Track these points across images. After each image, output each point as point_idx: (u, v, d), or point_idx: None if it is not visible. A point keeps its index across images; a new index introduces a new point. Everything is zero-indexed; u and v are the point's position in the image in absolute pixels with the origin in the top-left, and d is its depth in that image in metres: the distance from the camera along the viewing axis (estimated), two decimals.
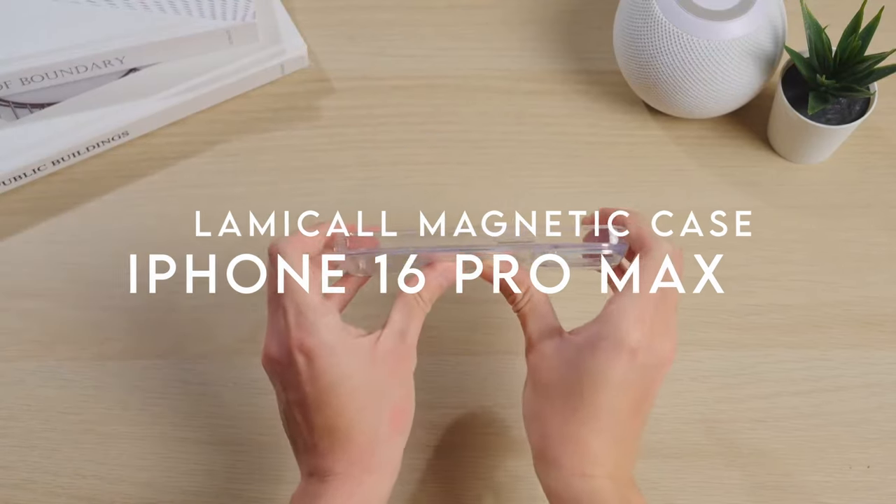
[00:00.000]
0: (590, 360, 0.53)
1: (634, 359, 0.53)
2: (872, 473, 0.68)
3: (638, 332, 0.53)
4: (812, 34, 0.71)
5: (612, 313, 0.54)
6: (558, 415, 0.55)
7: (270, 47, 0.80)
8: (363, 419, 0.54)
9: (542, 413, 0.55)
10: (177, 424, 0.70)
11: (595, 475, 0.54)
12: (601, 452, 0.54)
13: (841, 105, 0.74)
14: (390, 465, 0.56)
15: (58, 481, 0.68)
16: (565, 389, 0.54)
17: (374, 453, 0.55)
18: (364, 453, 0.54)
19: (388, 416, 0.55)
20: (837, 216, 0.76)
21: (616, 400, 0.54)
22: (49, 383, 0.71)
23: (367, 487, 0.54)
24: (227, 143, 0.79)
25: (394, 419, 0.55)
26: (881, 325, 0.72)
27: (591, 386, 0.53)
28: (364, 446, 0.54)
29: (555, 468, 0.55)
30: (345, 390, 0.54)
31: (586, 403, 0.54)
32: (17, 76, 0.75)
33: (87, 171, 0.78)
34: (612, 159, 0.79)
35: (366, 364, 0.54)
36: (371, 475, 0.55)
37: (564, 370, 0.55)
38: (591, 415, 0.54)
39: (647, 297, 0.54)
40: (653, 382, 0.55)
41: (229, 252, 0.75)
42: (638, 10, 0.73)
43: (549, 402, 0.55)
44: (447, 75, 0.82)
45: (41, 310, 0.73)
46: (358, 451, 0.54)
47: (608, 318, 0.54)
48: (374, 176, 0.78)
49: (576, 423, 0.54)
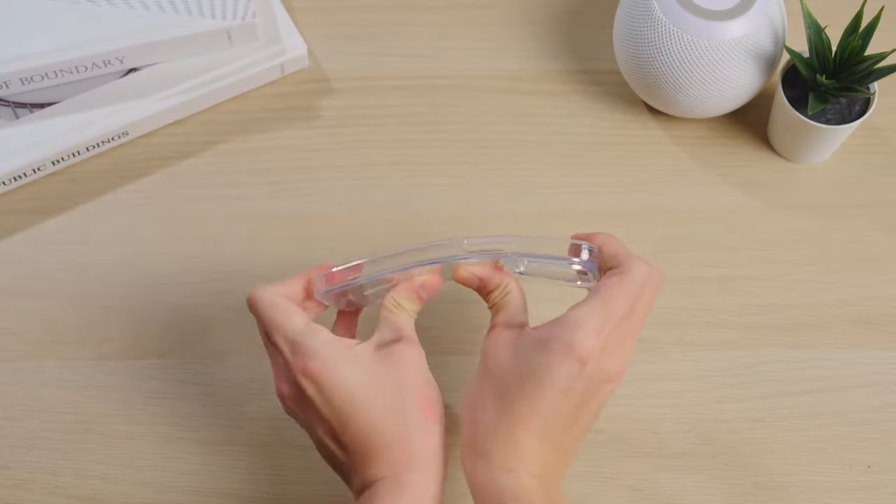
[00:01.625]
0: (538, 357, 0.53)
1: (582, 367, 0.52)
2: (872, 473, 0.68)
3: (591, 342, 0.52)
4: (812, 34, 0.71)
5: (571, 318, 0.53)
6: (496, 405, 0.54)
7: (270, 47, 0.80)
8: (389, 419, 0.54)
9: (480, 401, 0.55)
10: (177, 424, 0.70)
11: (521, 472, 0.53)
12: (530, 451, 0.53)
13: (841, 105, 0.74)
14: (433, 459, 0.54)
15: (58, 481, 0.68)
16: (508, 381, 0.54)
17: (413, 450, 0.53)
18: (402, 451, 0.53)
19: (414, 408, 0.54)
20: (837, 216, 0.76)
21: (555, 403, 0.53)
22: (49, 383, 0.71)
23: (414, 487, 0.53)
24: (227, 143, 0.79)
25: (422, 409, 0.54)
26: (881, 325, 0.72)
27: (533, 383, 0.53)
28: (400, 445, 0.53)
29: (482, 460, 0.54)
30: (361, 398, 0.53)
31: (526, 399, 0.53)
32: (17, 76, 0.75)
33: (87, 171, 0.78)
34: (612, 159, 0.79)
35: (372, 366, 0.54)
36: (415, 472, 0.53)
37: (513, 361, 0.54)
38: (528, 412, 0.53)
39: (611, 311, 0.53)
40: (595, 395, 0.54)
41: (229, 252, 0.75)
42: (638, 10, 0.73)
43: (491, 391, 0.54)
44: (447, 75, 0.82)
45: (41, 310, 0.73)
46: (395, 451, 0.53)
47: (567, 321, 0.53)
48: (374, 176, 0.78)
49: (511, 418, 0.53)
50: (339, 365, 0.53)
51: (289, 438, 0.69)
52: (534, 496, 0.52)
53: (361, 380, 0.54)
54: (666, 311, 0.73)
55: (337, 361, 0.53)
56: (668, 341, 0.72)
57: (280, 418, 0.68)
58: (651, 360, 0.71)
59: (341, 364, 0.54)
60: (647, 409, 0.70)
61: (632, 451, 0.69)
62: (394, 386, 0.54)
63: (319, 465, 0.69)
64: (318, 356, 0.53)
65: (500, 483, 0.53)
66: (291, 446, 0.69)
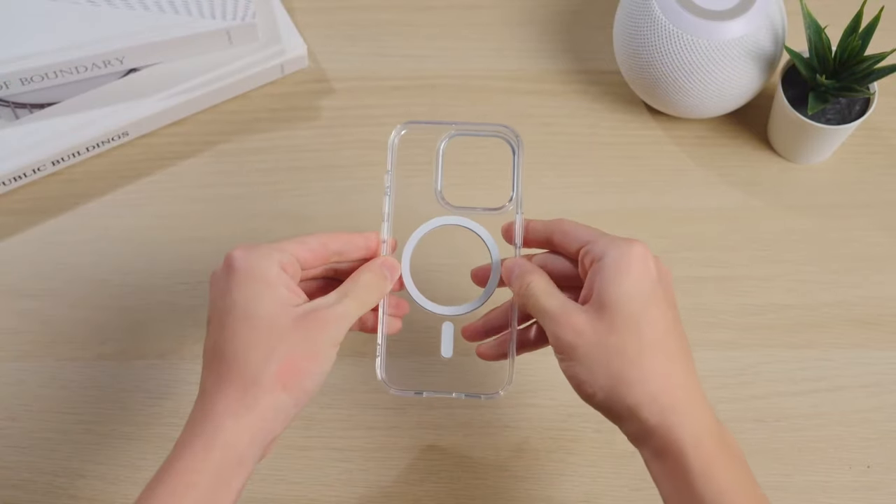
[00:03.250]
0: (614, 290, 0.52)
1: (645, 255, 0.53)
2: (872, 473, 0.68)
3: (638, 244, 0.53)
4: (812, 34, 0.71)
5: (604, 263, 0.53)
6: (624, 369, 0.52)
7: (270, 47, 0.80)
8: (249, 356, 0.51)
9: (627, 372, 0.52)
10: (177, 424, 0.69)
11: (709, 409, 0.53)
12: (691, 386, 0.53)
13: (841, 105, 0.74)
14: (268, 417, 0.51)
15: (58, 481, 0.68)
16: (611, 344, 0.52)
17: (253, 397, 0.51)
18: (242, 393, 0.51)
19: (276, 366, 0.51)
20: (837, 216, 0.76)
21: (662, 314, 0.53)
22: (49, 383, 0.71)
23: (234, 430, 0.51)
24: (227, 143, 0.79)
25: (280, 371, 0.51)
26: (881, 325, 0.72)
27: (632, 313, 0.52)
28: (244, 385, 0.51)
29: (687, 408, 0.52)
30: (243, 316, 0.52)
31: (645, 332, 0.52)
32: (17, 76, 0.75)
33: (87, 171, 0.78)
34: (612, 159, 0.79)
35: (277, 308, 0.52)
36: (240, 419, 0.51)
37: (597, 322, 0.52)
38: (660, 339, 0.52)
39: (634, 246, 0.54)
40: (670, 287, 0.55)
41: None
42: (638, 10, 0.73)
43: (626, 359, 0.52)
44: (447, 75, 0.82)
45: (41, 310, 0.73)
46: (237, 388, 0.51)
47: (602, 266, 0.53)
48: (374, 176, 0.77)
49: (652, 365, 0.52)
50: (258, 280, 0.52)
51: (289, 438, 0.69)
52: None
53: (259, 308, 0.52)
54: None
55: (260, 278, 0.52)
56: None
57: None
58: None
59: (260, 282, 0.52)
60: None
61: (632, 451, 0.69)
62: (274, 336, 0.51)
63: (319, 465, 0.69)
64: (253, 261, 0.52)
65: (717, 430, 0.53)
66: (291, 446, 0.69)
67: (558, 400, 0.70)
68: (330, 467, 0.68)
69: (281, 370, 0.51)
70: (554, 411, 0.70)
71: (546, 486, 0.68)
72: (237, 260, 0.53)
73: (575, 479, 0.68)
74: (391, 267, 0.57)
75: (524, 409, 0.70)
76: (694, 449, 0.51)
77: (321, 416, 0.70)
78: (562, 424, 0.69)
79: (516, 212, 0.59)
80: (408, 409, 0.69)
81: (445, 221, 0.60)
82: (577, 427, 0.69)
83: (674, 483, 0.52)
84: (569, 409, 0.70)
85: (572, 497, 0.68)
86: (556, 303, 0.54)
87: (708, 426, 0.52)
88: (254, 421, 0.51)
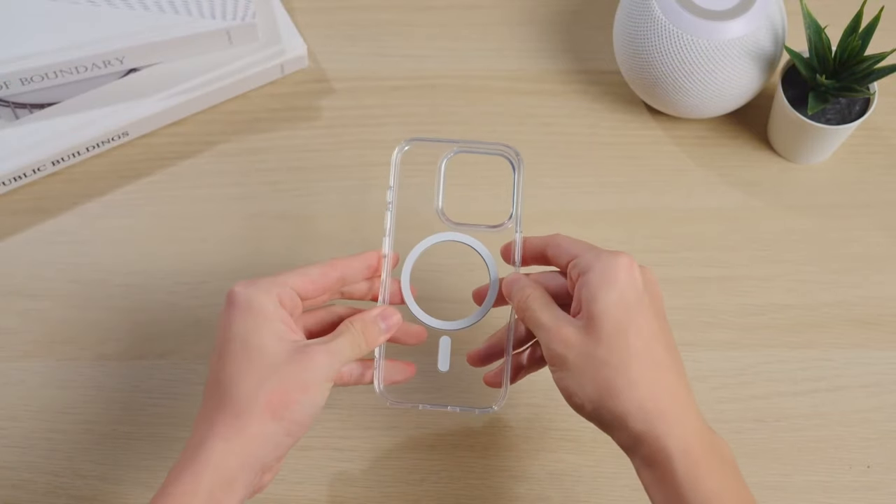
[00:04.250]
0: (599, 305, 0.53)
1: (630, 266, 0.54)
2: (872, 473, 0.68)
3: (622, 255, 0.54)
4: (812, 34, 0.71)
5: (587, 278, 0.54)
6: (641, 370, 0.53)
7: (270, 47, 0.80)
8: (241, 384, 0.52)
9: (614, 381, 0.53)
10: (177, 424, 0.70)
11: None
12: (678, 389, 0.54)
13: (841, 105, 0.74)
14: (257, 443, 0.52)
15: (58, 481, 0.68)
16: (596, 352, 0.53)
17: (243, 423, 0.52)
18: (233, 419, 0.52)
19: (266, 395, 0.52)
20: (837, 216, 0.76)
21: (648, 322, 0.54)
22: (49, 383, 0.71)
23: (223, 453, 0.51)
24: (227, 143, 0.79)
25: (270, 400, 0.52)
26: (881, 325, 0.72)
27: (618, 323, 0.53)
28: (235, 412, 0.52)
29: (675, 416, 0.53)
30: (240, 347, 0.53)
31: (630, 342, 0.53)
32: (17, 76, 0.75)
33: (87, 171, 0.78)
34: (612, 159, 0.79)
35: (272, 340, 0.53)
36: (229, 442, 0.51)
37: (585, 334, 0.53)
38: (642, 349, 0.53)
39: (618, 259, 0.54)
40: (658, 297, 0.56)
41: (229, 252, 0.75)
42: (638, 10, 0.73)
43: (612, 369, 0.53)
44: (447, 75, 0.82)
45: (41, 310, 0.73)
46: (229, 414, 0.52)
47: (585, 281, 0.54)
48: (374, 176, 0.78)
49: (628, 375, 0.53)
50: (256, 314, 0.53)
51: None
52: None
53: (258, 340, 0.53)
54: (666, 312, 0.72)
55: (259, 312, 0.53)
56: None
57: None
58: None
59: (259, 316, 0.53)
60: None
61: None
62: (267, 368, 0.52)
63: (320, 465, 0.69)
64: (253, 297, 0.53)
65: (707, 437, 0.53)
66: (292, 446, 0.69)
67: (558, 400, 0.69)
68: (330, 467, 0.68)
69: (271, 399, 0.52)
70: (554, 411, 0.70)
71: (546, 487, 0.68)
72: (237, 295, 0.54)
73: (575, 478, 0.68)
74: (387, 317, 0.58)
75: (524, 409, 0.70)
76: (681, 456, 0.52)
77: (321, 416, 0.69)
78: (562, 424, 0.69)
79: (515, 230, 0.60)
80: (407, 409, 0.69)
81: (445, 238, 0.61)
82: (577, 427, 0.69)
83: (663, 491, 0.52)
84: (569, 409, 0.69)
85: (572, 497, 0.68)
86: (550, 315, 0.55)
87: (696, 432, 0.53)
88: (243, 445, 0.52)
